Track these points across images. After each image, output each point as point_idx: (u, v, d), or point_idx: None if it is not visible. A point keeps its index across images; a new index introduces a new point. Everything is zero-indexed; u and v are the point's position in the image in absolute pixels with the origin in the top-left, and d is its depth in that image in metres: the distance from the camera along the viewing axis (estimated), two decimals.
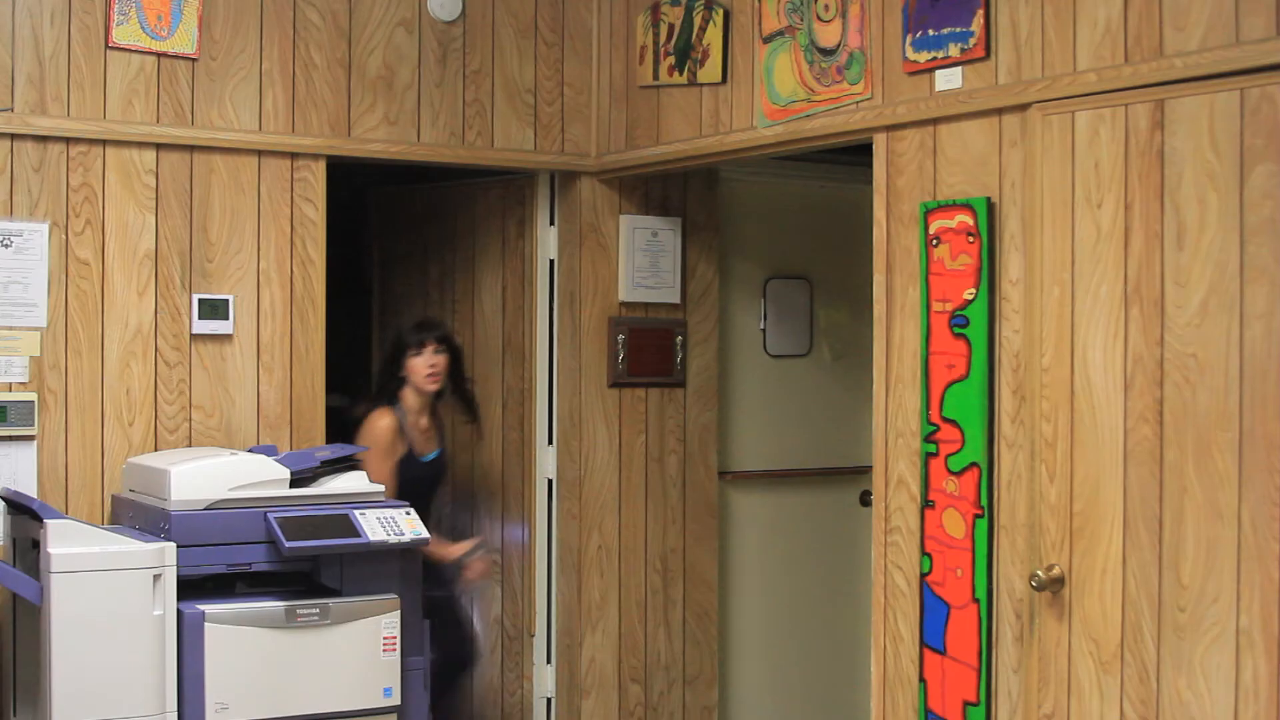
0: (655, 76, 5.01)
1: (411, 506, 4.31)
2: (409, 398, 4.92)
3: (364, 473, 4.40)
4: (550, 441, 5.38)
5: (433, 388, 4.92)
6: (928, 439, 3.95)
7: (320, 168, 4.80)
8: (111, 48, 4.47)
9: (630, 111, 5.15)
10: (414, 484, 4.80)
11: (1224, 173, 3.22)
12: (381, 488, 4.38)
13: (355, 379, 5.91)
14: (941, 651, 3.92)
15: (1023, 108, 3.68)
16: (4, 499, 4.22)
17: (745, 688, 5.59)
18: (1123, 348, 3.42)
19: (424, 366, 4.89)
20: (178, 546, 3.94)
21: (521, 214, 5.48)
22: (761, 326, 5.61)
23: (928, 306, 3.95)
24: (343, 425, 4.91)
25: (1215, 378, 3.23)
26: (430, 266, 5.92)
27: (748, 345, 5.59)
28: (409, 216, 6.07)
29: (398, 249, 6.12)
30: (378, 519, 4.17)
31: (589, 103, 5.28)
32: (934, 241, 3.92)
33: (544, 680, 5.38)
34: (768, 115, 4.51)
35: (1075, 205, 3.53)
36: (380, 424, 4.82)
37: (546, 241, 5.39)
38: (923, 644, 3.98)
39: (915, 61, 3.99)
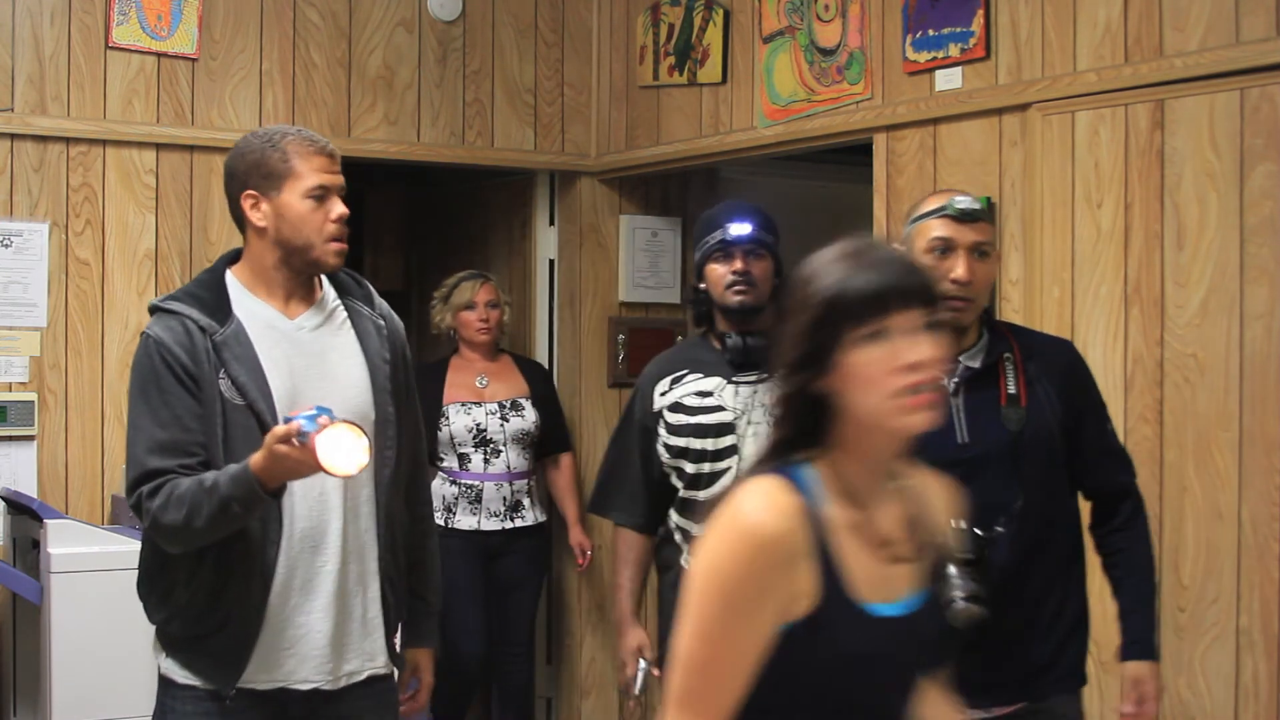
0: (655, 76, 5.01)
1: None
2: None
3: None
4: None
5: None
6: None
7: None
8: (111, 48, 4.46)
9: (630, 111, 5.15)
10: None
11: (1224, 173, 3.22)
12: None
13: None
14: None
15: (1023, 108, 3.67)
16: (4, 499, 4.21)
17: None
18: (1123, 348, 3.41)
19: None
20: None
21: (525, 214, 5.47)
22: None
23: None
24: None
25: (1215, 378, 3.23)
26: (457, 267, 5.91)
27: None
28: (439, 218, 6.07)
29: (429, 250, 6.13)
30: None
31: (589, 103, 5.28)
32: None
33: (544, 680, 5.37)
34: (768, 115, 4.51)
35: (1075, 205, 3.52)
36: None
37: (546, 241, 5.38)
38: None
39: (915, 61, 3.98)
